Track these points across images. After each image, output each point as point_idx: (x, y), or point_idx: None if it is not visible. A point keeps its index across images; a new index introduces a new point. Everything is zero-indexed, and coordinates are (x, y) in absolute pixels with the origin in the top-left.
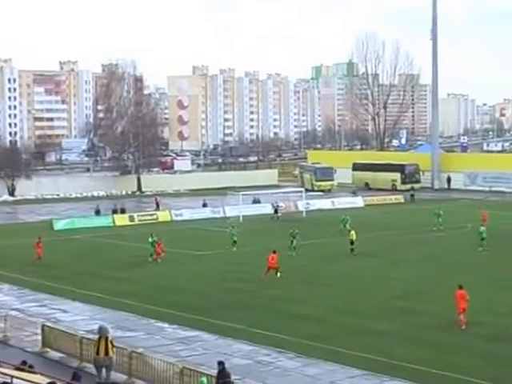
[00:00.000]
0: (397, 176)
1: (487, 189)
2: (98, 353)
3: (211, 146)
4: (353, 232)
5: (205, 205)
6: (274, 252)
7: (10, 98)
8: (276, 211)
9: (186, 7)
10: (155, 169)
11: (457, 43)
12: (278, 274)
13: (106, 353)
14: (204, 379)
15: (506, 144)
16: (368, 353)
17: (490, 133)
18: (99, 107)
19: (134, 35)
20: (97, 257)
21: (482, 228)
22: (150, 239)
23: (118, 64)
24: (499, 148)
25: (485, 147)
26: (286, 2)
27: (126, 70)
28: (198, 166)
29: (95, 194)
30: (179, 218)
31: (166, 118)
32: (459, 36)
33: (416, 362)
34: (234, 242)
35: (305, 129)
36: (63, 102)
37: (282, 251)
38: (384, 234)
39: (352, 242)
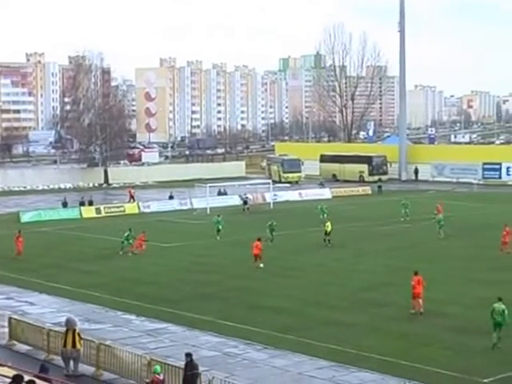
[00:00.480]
0: (364, 168)
1: (454, 180)
2: (65, 345)
3: (179, 138)
4: (328, 223)
5: (171, 197)
6: (259, 240)
7: None
8: (245, 203)
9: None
10: (123, 161)
11: (424, 35)
12: (261, 265)
13: (74, 345)
14: (158, 367)
15: (474, 135)
16: (336, 344)
17: (458, 124)
18: (66, 99)
19: (101, 27)
20: (64, 249)
21: (440, 216)
22: (127, 233)
23: (85, 56)
24: (467, 139)
25: (452, 139)
26: None
27: (93, 62)
28: (166, 157)
29: (62, 186)
30: (147, 210)
31: (134, 110)
32: (427, 28)
33: (384, 354)
34: (218, 230)
35: (272, 121)
36: (30, 94)
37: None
38: (352, 226)
39: (327, 233)
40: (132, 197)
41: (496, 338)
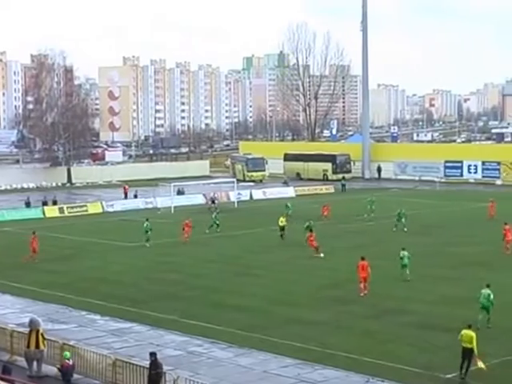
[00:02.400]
0: (328, 166)
1: (417, 178)
2: (28, 346)
3: (142, 137)
4: (282, 218)
5: (135, 196)
6: (311, 230)
7: None
8: (213, 202)
9: (114, 1)
10: (86, 160)
11: (387, 34)
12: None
13: (37, 346)
14: (67, 353)
15: (436, 134)
16: (301, 342)
17: (420, 123)
18: (29, 98)
19: (63, 26)
20: (27, 249)
21: (403, 211)
22: (145, 224)
23: (47, 55)
24: (429, 138)
25: (415, 137)
26: None
27: (55, 61)
28: (130, 157)
29: (25, 185)
30: (111, 210)
31: (97, 109)
32: (389, 27)
33: (349, 351)
34: (218, 225)
35: (236, 120)
36: None
37: (214, 240)
38: (315, 224)
39: (282, 229)
40: (126, 194)
41: (480, 321)
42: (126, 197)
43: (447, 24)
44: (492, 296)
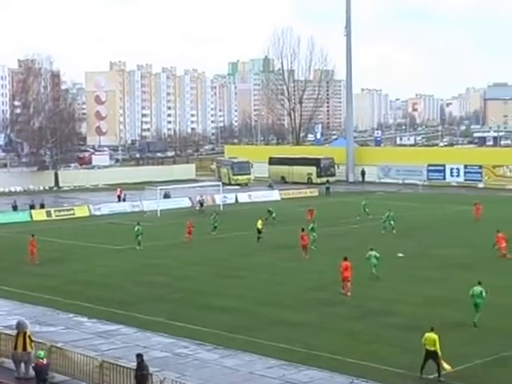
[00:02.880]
0: (312, 170)
1: (400, 181)
2: (16, 348)
3: (129, 141)
4: (260, 221)
5: (124, 199)
6: (303, 230)
7: None
8: (201, 205)
9: (100, 3)
10: (73, 164)
11: (370, 40)
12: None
13: (25, 348)
14: (41, 352)
15: (419, 138)
16: (286, 343)
17: (403, 127)
18: (16, 103)
19: (50, 31)
20: (15, 252)
21: (391, 214)
22: (136, 227)
23: (34, 60)
24: (412, 142)
25: (398, 141)
26: (202, 1)
27: (42, 66)
28: (116, 160)
29: (12, 189)
30: (98, 213)
31: (84, 114)
32: (373, 33)
33: (333, 352)
34: (215, 227)
35: (222, 124)
36: None
37: (200, 243)
38: (299, 227)
39: (259, 231)
40: (119, 197)
41: (477, 317)
42: (119, 200)
43: (430, 29)
44: (484, 293)
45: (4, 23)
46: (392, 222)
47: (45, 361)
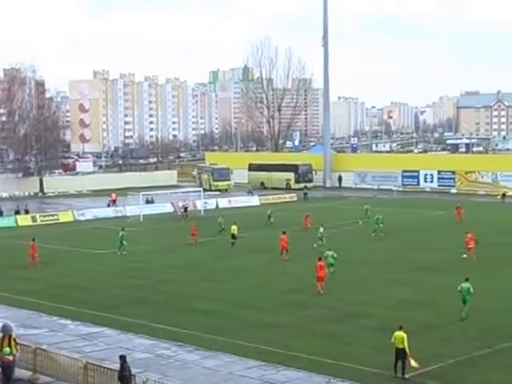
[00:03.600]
0: (291, 175)
1: (376, 187)
2: (1, 350)
3: (112, 148)
4: (234, 226)
5: (109, 205)
6: (284, 233)
7: None
8: (186, 210)
9: (83, 15)
10: (57, 170)
11: (347, 49)
12: (286, 257)
13: None
14: (7, 349)
15: (394, 145)
16: (265, 345)
17: (379, 134)
18: (1, 111)
19: (35, 41)
20: (0, 257)
21: (380, 217)
22: (121, 233)
23: (19, 69)
24: (387, 148)
25: (374, 148)
26: (182, 10)
27: (26, 75)
28: (100, 167)
29: None
30: (82, 218)
31: (68, 121)
32: (349, 42)
33: (311, 353)
34: (222, 229)
35: (203, 131)
36: None
37: (182, 247)
38: (279, 231)
39: (233, 236)
40: (114, 201)
41: (465, 312)
42: (114, 204)
43: (404, 40)
44: (472, 289)
45: None
46: (381, 225)
47: (11, 357)
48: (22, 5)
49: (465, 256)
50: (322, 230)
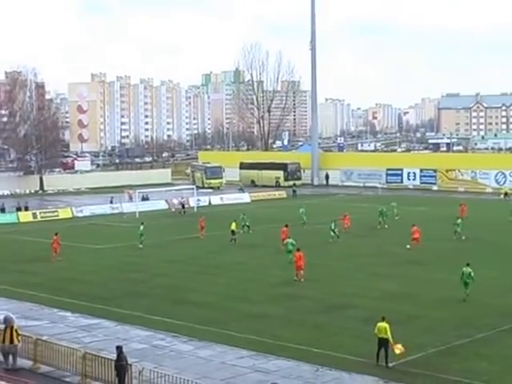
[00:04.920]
0: (280, 174)
1: (361, 184)
2: (3, 341)
3: (109, 148)
4: (234, 223)
5: (111, 201)
6: (286, 226)
7: None
8: (183, 206)
9: (81, 18)
10: (57, 169)
11: (334, 53)
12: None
13: (11, 341)
14: None
15: (378, 144)
16: (256, 335)
17: (364, 134)
18: (3, 112)
19: (36, 45)
20: (2, 251)
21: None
22: (141, 227)
23: (20, 72)
24: (372, 148)
25: (359, 147)
26: (176, 15)
27: (28, 77)
28: (97, 166)
29: (0, 192)
30: (80, 215)
31: (67, 122)
32: (336, 46)
33: (300, 343)
34: (248, 226)
35: (196, 131)
36: None
37: (177, 242)
38: (269, 227)
39: (233, 232)
40: (131, 197)
41: (466, 294)
42: (131, 200)
43: (388, 43)
44: (472, 273)
45: None
46: (385, 218)
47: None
48: (24, 11)
49: (408, 247)
50: (333, 225)
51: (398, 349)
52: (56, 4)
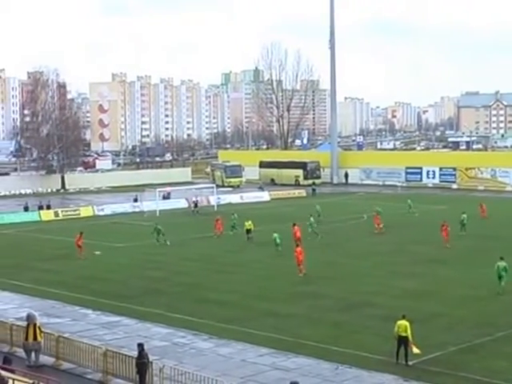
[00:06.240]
0: (299, 172)
1: (381, 183)
2: (27, 338)
3: (130, 147)
4: (250, 222)
5: (164, 197)
6: (295, 225)
7: None
8: (196, 205)
9: (102, 19)
10: (78, 168)
11: (353, 51)
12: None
13: (35, 338)
14: None
15: (397, 143)
16: (276, 333)
17: (383, 133)
18: (26, 112)
19: (58, 45)
20: (25, 250)
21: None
22: (158, 226)
23: (42, 72)
24: (391, 146)
25: (378, 145)
26: (196, 15)
27: (49, 77)
28: (118, 165)
29: (23, 191)
30: (101, 213)
31: (88, 121)
32: (355, 45)
33: (320, 341)
34: (233, 226)
35: (215, 130)
36: None
37: (196, 241)
38: (288, 225)
39: (248, 231)
40: (169, 194)
41: (501, 288)
42: (168, 198)
43: (407, 42)
44: (507, 267)
45: (14, 39)
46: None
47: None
48: (45, 12)
49: (448, 246)
50: (312, 220)
51: (417, 348)
52: (77, 5)
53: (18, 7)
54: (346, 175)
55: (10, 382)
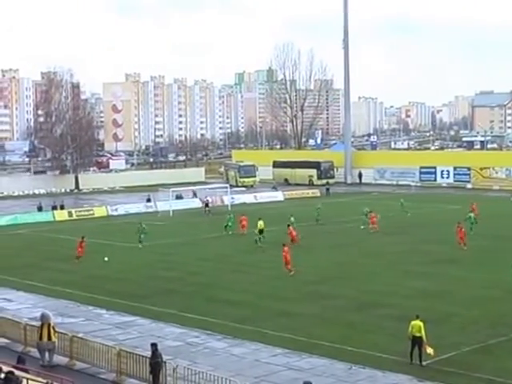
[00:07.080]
0: (313, 172)
1: (394, 183)
2: (41, 338)
3: (143, 147)
4: (261, 222)
5: (149, 200)
6: (289, 226)
7: None
8: (207, 205)
9: (115, 20)
10: (92, 168)
11: (366, 51)
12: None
13: (49, 338)
14: None
15: (411, 142)
16: (289, 333)
17: (397, 132)
18: (39, 112)
19: (71, 46)
20: (39, 250)
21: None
22: (143, 225)
23: (56, 72)
24: (405, 146)
25: (392, 145)
26: (210, 15)
27: (63, 78)
28: (132, 165)
29: (36, 191)
30: (115, 213)
31: (102, 121)
32: (369, 44)
33: (333, 341)
34: (227, 226)
35: (229, 130)
36: (5, 107)
37: (209, 241)
38: (301, 225)
39: (261, 231)
40: (195, 193)
41: None
42: (195, 196)
43: (421, 41)
44: None
45: (27, 39)
46: (368, 220)
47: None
48: (60, 12)
49: (364, 227)
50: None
51: (430, 349)
52: (91, 5)
53: (31, 7)
54: (360, 175)
55: (24, 381)
